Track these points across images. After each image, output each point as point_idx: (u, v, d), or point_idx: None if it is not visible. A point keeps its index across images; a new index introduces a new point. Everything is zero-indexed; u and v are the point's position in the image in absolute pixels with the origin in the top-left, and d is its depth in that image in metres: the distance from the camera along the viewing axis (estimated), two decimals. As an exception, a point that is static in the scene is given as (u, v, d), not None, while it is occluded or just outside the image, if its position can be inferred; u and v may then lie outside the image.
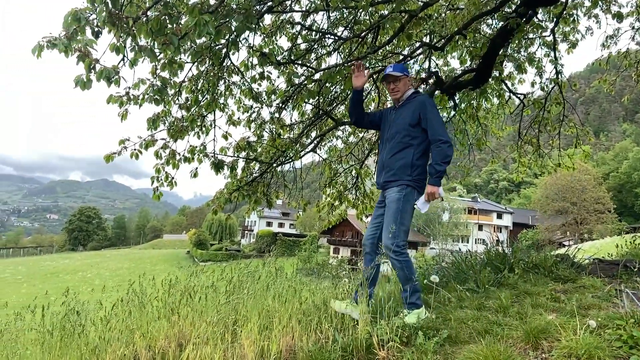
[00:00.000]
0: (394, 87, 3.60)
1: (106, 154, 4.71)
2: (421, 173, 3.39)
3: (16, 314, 3.54)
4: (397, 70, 3.59)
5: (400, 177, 3.34)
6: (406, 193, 3.29)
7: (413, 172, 3.34)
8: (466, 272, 4.08)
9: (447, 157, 3.25)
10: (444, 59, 7.36)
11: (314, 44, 5.97)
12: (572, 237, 44.29)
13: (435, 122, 3.34)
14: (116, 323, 2.84)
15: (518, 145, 7.93)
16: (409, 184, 3.32)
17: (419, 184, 3.36)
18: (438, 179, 3.22)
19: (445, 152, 3.25)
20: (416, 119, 3.39)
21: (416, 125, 3.39)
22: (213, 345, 2.37)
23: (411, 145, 3.38)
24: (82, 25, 3.11)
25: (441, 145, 3.25)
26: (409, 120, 3.41)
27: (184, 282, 3.44)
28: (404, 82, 3.59)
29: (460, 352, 2.40)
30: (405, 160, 3.36)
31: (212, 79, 5.02)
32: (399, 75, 3.56)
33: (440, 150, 3.24)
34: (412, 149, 3.37)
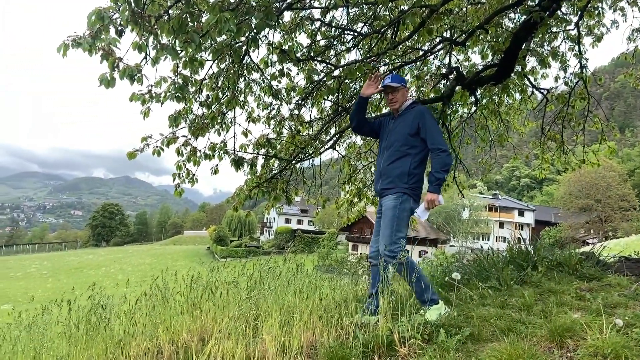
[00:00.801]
0: (392, 98, 3.69)
1: (129, 151, 4.79)
2: (417, 181, 3.45)
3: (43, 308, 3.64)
4: (395, 81, 3.68)
5: (397, 184, 3.41)
6: (402, 200, 3.36)
7: (410, 180, 3.41)
8: (488, 270, 4.03)
9: (446, 166, 3.35)
10: (465, 54, 7.26)
11: (333, 41, 5.95)
12: (596, 235, 43.40)
13: (434, 131, 3.42)
14: (140, 317, 2.89)
15: (541, 142, 7.79)
16: (405, 191, 3.38)
17: (414, 192, 3.43)
18: (438, 187, 3.31)
19: (445, 160, 3.34)
20: (415, 129, 3.46)
21: (415, 134, 3.47)
22: (235, 340, 2.40)
23: (409, 154, 3.45)
24: (105, 24, 3.16)
25: (440, 154, 3.34)
26: (407, 129, 3.49)
27: (205, 278, 3.48)
28: (402, 92, 3.68)
29: (483, 350, 2.37)
30: (402, 168, 3.43)
31: (232, 77, 5.04)
32: (397, 86, 3.64)
33: (440, 159, 3.33)
34: (410, 158, 3.44)
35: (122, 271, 44.82)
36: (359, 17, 6.06)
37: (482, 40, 6.57)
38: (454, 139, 7.45)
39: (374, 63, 5.40)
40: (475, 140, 8.18)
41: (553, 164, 8.04)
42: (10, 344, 3.67)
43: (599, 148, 7.93)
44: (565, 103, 7.02)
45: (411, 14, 4.89)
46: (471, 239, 54.23)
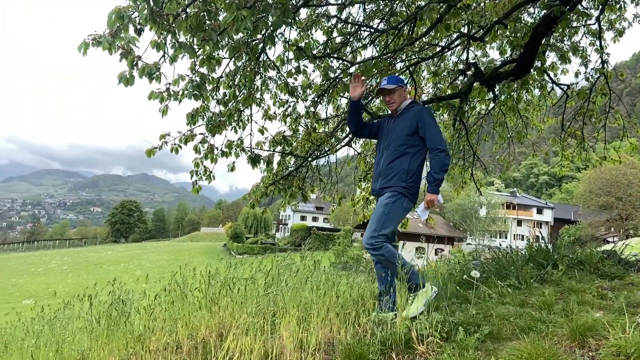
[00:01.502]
0: (389, 100, 3.71)
1: (148, 149, 4.85)
2: (415, 181, 3.47)
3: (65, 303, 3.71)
4: (391, 83, 3.68)
5: (395, 183, 3.43)
6: (396, 199, 3.38)
7: (408, 179, 3.42)
8: (507, 268, 3.98)
9: (444, 166, 3.36)
10: (483, 49, 7.17)
11: (350, 37, 5.93)
12: (617, 233, 42.55)
13: (433, 130, 3.43)
14: (160, 312, 2.93)
15: (561, 138, 7.67)
16: (401, 191, 3.40)
17: (410, 192, 3.44)
18: (436, 187, 3.34)
19: (443, 160, 3.35)
20: (413, 128, 3.47)
21: (413, 134, 3.47)
22: (253, 336, 2.41)
23: (407, 153, 3.47)
24: (125, 23, 3.21)
25: (439, 154, 3.35)
26: (406, 129, 3.49)
27: (223, 274, 3.51)
28: (399, 93, 3.67)
29: (503, 348, 2.35)
30: (402, 167, 3.45)
31: (248, 74, 5.07)
32: (392, 87, 3.65)
33: (439, 159, 3.34)
34: (408, 157, 3.46)
35: (141, 267, 45.47)
36: (375, 13, 6.03)
37: (501, 36, 6.48)
38: (472, 135, 7.37)
39: (390, 59, 5.37)
40: (493, 137, 8.09)
41: (573, 161, 7.90)
42: (33, 337, 3.76)
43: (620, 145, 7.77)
44: (586, 99, 6.89)
45: (428, 9, 4.84)
46: (488, 237, 53.67)
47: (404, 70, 6.19)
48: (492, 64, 6.95)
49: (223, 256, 52.99)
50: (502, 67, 6.12)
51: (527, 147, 9.17)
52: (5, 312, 18.39)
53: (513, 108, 7.22)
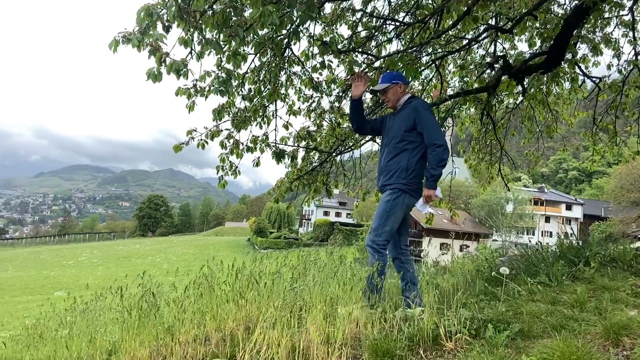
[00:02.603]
0: (384, 98, 3.80)
1: (175, 144, 4.93)
2: (416, 176, 3.46)
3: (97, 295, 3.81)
4: (383, 82, 3.73)
5: (395, 180, 3.45)
6: (397, 197, 3.41)
7: (408, 175, 3.42)
8: (537, 265, 3.90)
9: (442, 161, 3.34)
10: (511, 42, 7.01)
11: (375, 32, 5.88)
12: (650, 231, 41.17)
13: (430, 125, 3.41)
14: (188, 305, 2.98)
15: (592, 132, 7.46)
16: (401, 187, 3.41)
17: (411, 188, 3.43)
18: (433, 183, 3.33)
19: (441, 155, 3.33)
20: (411, 124, 3.46)
21: (411, 130, 3.47)
22: (280, 330, 2.43)
23: (406, 149, 3.47)
24: (153, 20, 3.26)
25: (436, 150, 3.34)
26: (404, 126, 3.50)
27: (249, 268, 3.55)
28: (393, 90, 3.70)
29: (534, 346, 2.30)
30: (401, 164, 3.46)
31: (273, 70, 5.08)
32: (384, 87, 3.69)
33: (436, 155, 3.33)
34: (408, 154, 3.46)
35: (167, 261, 46.34)
36: (400, 6, 5.96)
37: (530, 28, 6.33)
38: (499, 130, 7.23)
39: (415, 53, 5.31)
40: (520, 132, 7.92)
41: (604, 155, 7.69)
42: (66, 328, 3.87)
43: (655, 139, 7.52)
44: (619, 92, 6.69)
45: (456, 1, 4.76)
46: (515, 233, 52.68)
47: (429, 64, 6.11)
48: (521, 56, 6.79)
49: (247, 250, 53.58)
50: (532, 60, 5.97)
51: (555, 141, 8.96)
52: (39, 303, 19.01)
53: (543, 102, 7.05)
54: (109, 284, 4.07)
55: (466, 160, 7.88)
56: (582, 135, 8.13)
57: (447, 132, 7.49)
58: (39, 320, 5.29)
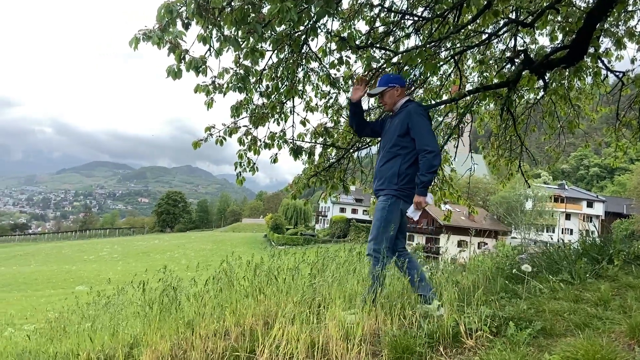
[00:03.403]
0: (381, 102, 3.79)
1: (194, 141, 4.97)
2: (409, 182, 3.42)
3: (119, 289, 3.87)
4: (380, 85, 3.70)
5: (387, 186, 3.44)
6: (391, 203, 3.38)
7: (400, 181, 3.40)
8: (559, 263, 3.83)
9: (432, 167, 3.30)
10: (532, 36, 6.89)
11: (393, 27, 5.83)
12: (674, 228, 40.17)
13: (422, 131, 3.37)
14: (208, 299, 3.01)
15: (615, 128, 7.29)
16: (394, 193, 3.39)
17: (404, 193, 3.40)
18: (424, 189, 3.29)
19: (431, 162, 3.29)
20: (404, 129, 3.43)
21: (405, 135, 3.44)
22: (299, 325, 2.44)
23: (399, 155, 3.45)
24: (173, 17, 3.28)
25: (427, 156, 3.30)
26: (397, 130, 3.48)
27: (267, 263, 3.57)
28: (390, 94, 3.66)
29: (557, 345, 2.27)
30: (393, 169, 3.44)
31: (291, 66, 5.08)
32: (380, 91, 3.67)
33: (426, 161, 3.30)
34: (400, 159, 3.44)
35: (185, 256, 46.90)
36: (419, 1, 5.90)
37: (552, 21, 6.21)
38: (519, 125, 7.13)
39: (434, 48, 5.25)
40: (540, 127, 7.79)
41: (627, 152, 7.52)
42: (89, 321, 3.95)
43: (680, 135, 7.32)
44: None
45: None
46: (535, 230, 51.92)
47: (448, 59, 6.04)
48: (542, 50, 6.67)
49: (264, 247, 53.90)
50: (554, 54, 5.86)
51: (576, 137, 8.82)
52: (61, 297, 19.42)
53: (564, 97, 6.91)
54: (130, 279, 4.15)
55: (485, 157, 7.79)
56: (605, 131, 7.96)
57: (465, 129, 7.41)
58: (62, 313, 5.40)
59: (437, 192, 7.19)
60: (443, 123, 7.35)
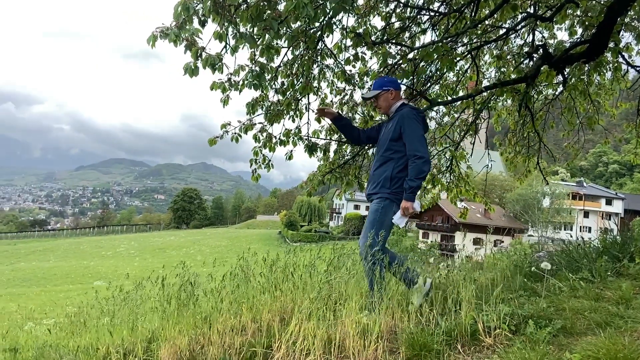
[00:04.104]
0: (376, 105, 3.81)
1: (210, 138, 4.99)
2: (401, 186, 3.40)
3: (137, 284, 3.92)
4: (375, 88, 3.71)
5: (380, 190, 3.43)
6: (384, 205, 3.38)
7: (393, 185, 3.39)
8: (579, 261, 3.77)
9: (421, 173, 3.27)
10: (550, 30, 6.78)
11: (409, 22, 5.79)
12: (697, 227, 39.27)
13: (413, 136, 3.36)
14: (225, 295, 3.03)
15: (636, 124, 7.15)
16: (387, 196, 3.39)
17: (397, 197, 3.39)
18: (412, 195, 3.27)
19: (421, 167, 3.27)
20: (397, 134, 3.43)
21: (398, 139, 3.44)
22: (316, 322, 2.44)
23: (392, 159, 3.45)
24: (190, 15, 3.30)
25: (416, 161, 3.28)
26: (390, 134, 3.48)
27: (283, 260, 3.58)
28: (384, 97, 3.67)
29: (577, 344, 2.23)
30: (385, 174, 3.44)
31: (306, 63, 5.07)
32: (374, 94, 3.70)
33: (415, 166, 3.28)
34: (393, 163, 3.44)
35: (201, 252, 47.35)
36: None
37: (571, 15, 6.10)
38: (537, 122, 7.02)
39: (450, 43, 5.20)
40: (558, 124, 7.67)
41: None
42: (108, 316, 4.01)
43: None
44: (666, 81, 6.37)
45: (494, -11, 4.64)
46: (552, 228, 51.20)
47: (465, 54, 5.98)
48: (561, 45, 6.56)
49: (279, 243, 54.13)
50: (573, 49, 5.76)
51: (595, 134, 8.65)
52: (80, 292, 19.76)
53: (584, 92, 6.79)
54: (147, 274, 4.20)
55: (502, 153, 7.70)
56: (625, 127, 7.81)
57: (481, 125, 7.33)
58: (81, 308, 5.50)
59: (453, 190, 7.14)
60: (459, 119, 7.28)
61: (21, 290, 25.28)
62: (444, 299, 2.86)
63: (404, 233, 54.00)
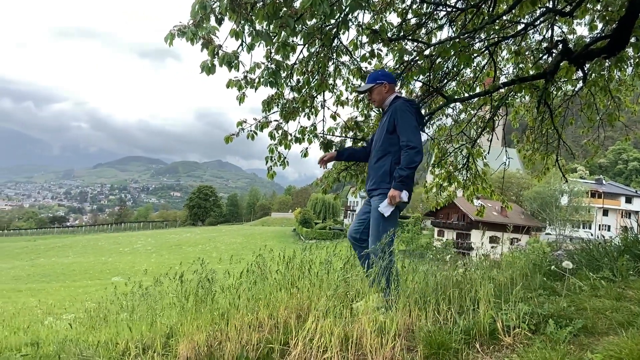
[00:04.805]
0: (370, 99, 3.87)
1: (226, 136, 5.03)
2: None
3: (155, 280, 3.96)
4: (369, 82, 3.74)
5: (380, 185, 3.43)
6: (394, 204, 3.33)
7: (391, 180, 3.36)
8: (599, 260, 3.70)
9: (412, 163, 3.27)
10: (570, 25, 6.66)
11: (425, 18, 5.74)
12: None
13: (406, 127, 3.36)
14: (242, 292, 3.05)
15: (659, 120, 7.00)
16: (387, 192, 3.34)
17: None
18: (400, 184, 3.25)
19: (412, 157, 3.27)
20: (392, 126, 3.44)
21: (393, 132, 3.45)
22: (332, 319, 2.44)
23: (389, 152, 3.45)
24: (207, 13, 3.33)
25: (409, 151, 3.29)
26: (386, 127, 3.48)
27: (299, 257, 3.59)
28: (378, 90, 3.69)
29: (599, 344, 2.20)
30: (384, 168, 3.45)
31: (322, 60, 5.06)
32: (368, 87, 3.74)
33: (407, 156, 3.29)
34: (390, 156, 3.44)
35: (216, 249, 47.75)
36: (452, -9, 5.78)
37: (591, 10, 5.98)
38: (556, 118, 6.91)
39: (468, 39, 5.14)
40: (577, 120, 7.54)
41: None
42: (127, 312, 4.07)
43: None
44: (689, 77, 6.22)
45: (513, -16, 4.57)
46: (570, 227, 50.44)
47: (482, 50, 5.91)
48: (581, 41, 6.44)
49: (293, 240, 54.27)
50: (594, 44, 5.65)
51: (615, 131, 8.51)
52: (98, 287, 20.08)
53: (604, 88, 6.66)
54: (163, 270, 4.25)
55: (520, 150, 7.60)
56: (648, 123, 7.64)
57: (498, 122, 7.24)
58: (100, 303, 5.59)
59: (469, 187, 7.07)
60: (476, 116, 7.20)
61: (41, 286, 25.80)
62: (461, 297, 2.83)
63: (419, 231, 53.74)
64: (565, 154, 7.84)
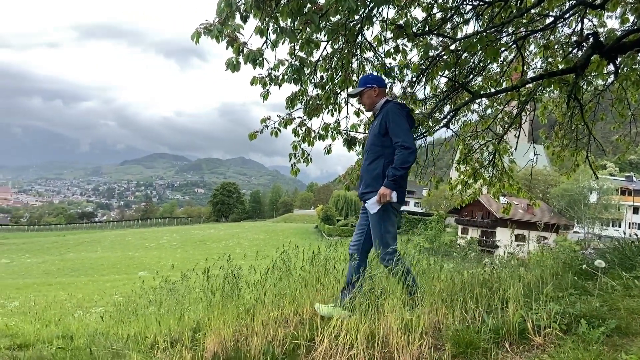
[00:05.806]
0: (360, 102, 3.90)
1: (250, 133, 5.06)
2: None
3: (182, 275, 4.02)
4: (359, 86, 3.78)
5: (374, 187, 3.39)
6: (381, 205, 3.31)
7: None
8: (633, 259, 3.60)
9: (406, 163, 3.27)
10: (600, 18, 6.46)
11: (451, 13, 5.65)
12: None
13: (398, 129, 3.38)
14: (268, 288, 3.07)
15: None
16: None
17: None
18: (392, 183, 3.26)
19: (406, 157, 3.27)
20: (384, 129, 3.47)
21: (385, 134, 3.46)
22: (359, 316, 2.44)
23: (382, 155, 3.46)
24: (232, 11, 3.35)
25: (403, 151, 3.29)
26: (377, 130, 3.52)
27: (324, 253, 3.60)
28: (368, 94, 3.70)
29: (633, 344, 2.14)
30: (377, 170, 3.44)
31: (345, 56, 5.04)
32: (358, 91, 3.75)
33: (401, 155, 3.29)
34: (383, 159, 3.45)
35: (240, 245, 48.20)
36: (480, -16, 5.67)
37: (623, 2, 5.79)
38: (587, 114, 6.73)
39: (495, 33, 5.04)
40: (607, 116, 7.32)
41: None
42: (155, 306, 4.14)
43: None
44: None
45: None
46: (599, 225, 49.12)
47: (510, 44, 5.79)
48: (613, 34, 6.25)
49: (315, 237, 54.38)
50: (626, 37, 5.47)
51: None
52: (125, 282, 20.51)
53: (636, 82, 6.45)
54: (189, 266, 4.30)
55: (547, 147, 7.43)
56: (682, 118, 7.38)
57: (526, 118, 7.09)
58: (129, 297, 5.70)
59: (495, 184, 6.96)
60: (503, 112, 7.07)
61: (70, 280, 26.50)
62: (489, 296, 2.79)
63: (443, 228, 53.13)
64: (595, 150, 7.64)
